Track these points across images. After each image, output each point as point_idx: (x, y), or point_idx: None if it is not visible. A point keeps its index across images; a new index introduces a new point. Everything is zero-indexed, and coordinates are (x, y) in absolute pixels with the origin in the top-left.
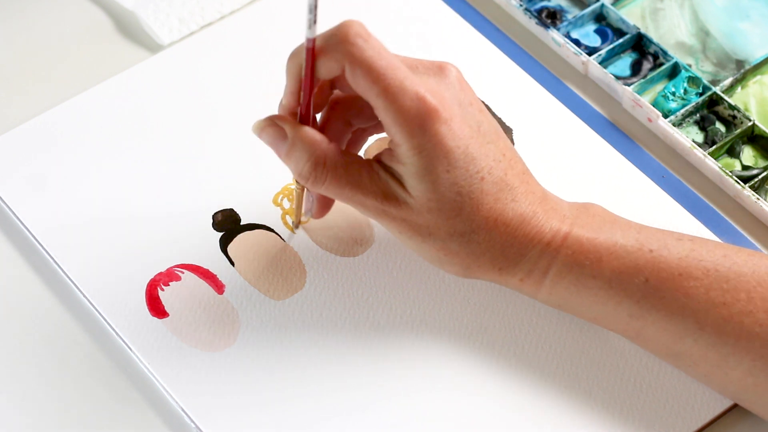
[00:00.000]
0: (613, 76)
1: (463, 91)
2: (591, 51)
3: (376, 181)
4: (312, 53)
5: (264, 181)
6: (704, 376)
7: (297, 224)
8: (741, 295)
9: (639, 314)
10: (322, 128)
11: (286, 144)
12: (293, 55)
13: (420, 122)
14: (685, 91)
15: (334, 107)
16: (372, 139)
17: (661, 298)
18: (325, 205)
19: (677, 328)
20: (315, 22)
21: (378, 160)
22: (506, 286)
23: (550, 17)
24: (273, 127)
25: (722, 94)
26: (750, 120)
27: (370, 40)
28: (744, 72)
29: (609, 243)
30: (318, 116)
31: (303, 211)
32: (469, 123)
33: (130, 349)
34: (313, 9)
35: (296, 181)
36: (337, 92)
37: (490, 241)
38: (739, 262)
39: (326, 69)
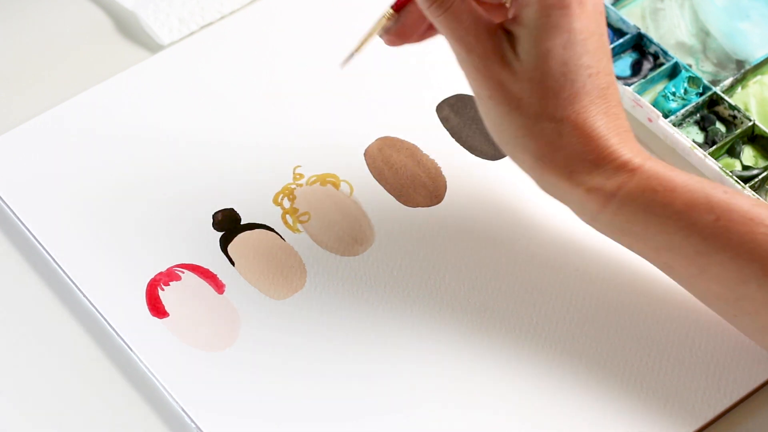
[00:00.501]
0: None
1: (600, 3)
2: None
3: (492, 34)
4: None
5: (264, 181)
6: (763, 327)
7: (358, 48)
8: None
9: (705, 251)
10: None
11: None
12: None
13: None
14: (686, 91)
15: None
16: (373, 138)
17: (729, 239)
18: (405, 34)
19: (742, 271)
20: None
21: (500, 24)
22: (567, 200)
23: None
24: None
25: (722, 94)
26: (750, 120)
27: None
28: (744, 72)
29: (685, 176)
30: None
31: (381, 31)
32: (597, 22)
33: (130, 349)
34: None
35: (390, 7)
36: None
37: (572, 137)
38: None
39: None
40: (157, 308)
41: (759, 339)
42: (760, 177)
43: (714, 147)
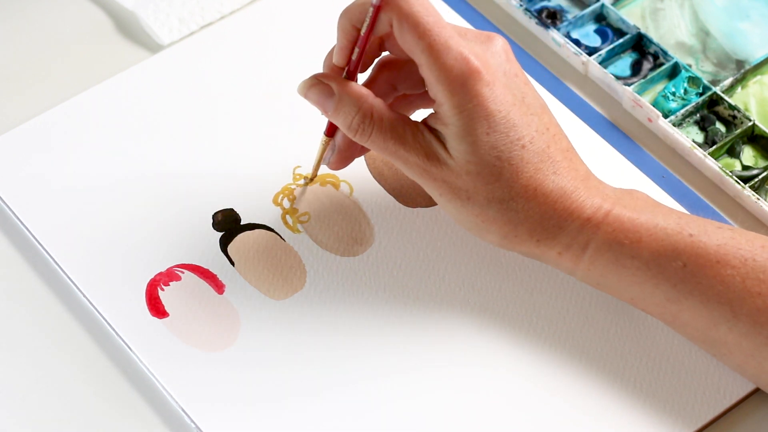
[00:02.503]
0: (613, 76)
1: (509, 62)
2: (591, 51)
3: (420, 140)
4: (377, 11)
5: (264, 181)
6: (738, 366)
7: (313, 177)
8: None
9: (676, 298)
10: (367, 88)
11: (332, 101)
12: (345, 13)
13: (462, 81)
14: (685, 91)
15: (381, 69)
16: None
17: (697, 284)
18: (344, 158)
19: (712, 314)
20: None
21: (424, 122)
22: (544, 261)
23: (550, 17)
24: (319, 86)
25: (722, 94)
26: (750, 120)
27: None
28: (744, 72)
29: (650, 224)
30: (362, 78)
31: (322, 159)
32: (512, 91)
33: (130, 349)
34: None
35: (324, 134)
36: (385, 55)
37: (528, 210)
38: None
39: (379, 24)
40: (157, 308)
41: (740, 374)
42: (760, 177)
43: (714, 147)
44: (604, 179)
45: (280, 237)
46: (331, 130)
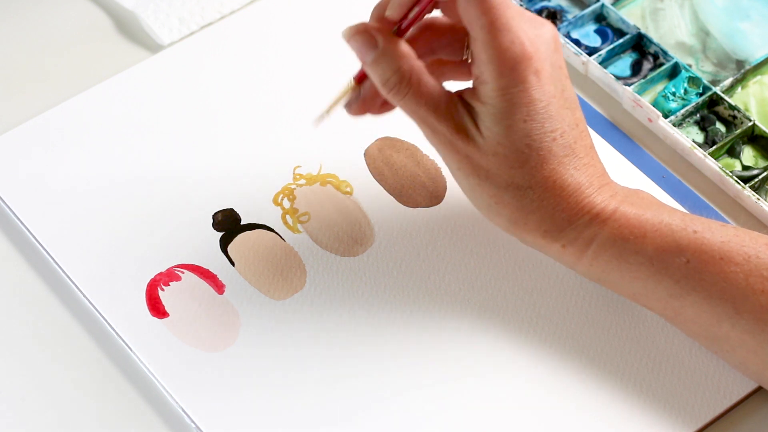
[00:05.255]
0: (613, 76)
1: (556, 52)
2: (591, 51)
3: (453, 111)
4: None
5: (264, 181)
6: (741, 364)
7: (328, 111)
8: None
9: (678, 294)
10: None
11: (374, 53)
12: None
13: (513, 64)
14: (686, 91)
15: (424, 30)
16: (373, 138)
17: (701, 280)
18: (367, 107)
19: (715, 311)
20: None
21: (458, 95)
22: (546, 253)
23: (550, 17)
24: (365, 35)
25: (722, 95)
26: (750, 120)
27: None
28: (744, 72)
29: (655, 220)
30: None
31: (344, 102)
32: (555, 83)
33: (130, 349)
34: None
35: (353, 78)
36: (433, 16)
37: (542, 200)
38: None
39: None
40: (157, 308)
41: (742, 372)
42: (760, 177)
43: (714, 147)
44: None
45: (280, 237)
46: (362, 78)
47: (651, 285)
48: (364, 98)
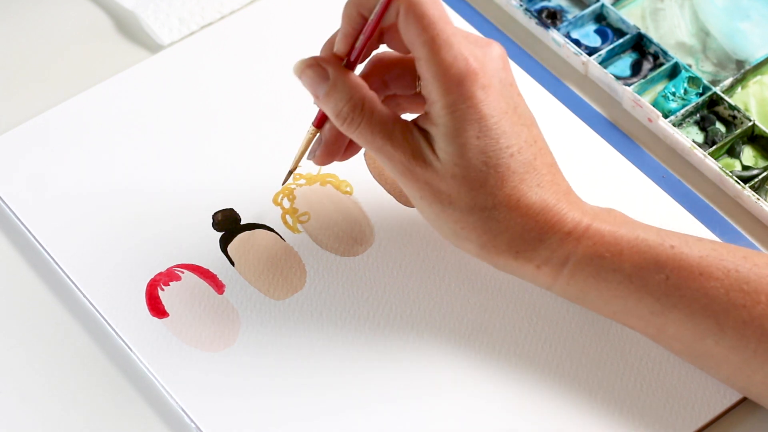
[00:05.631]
0: (613, 76)
1: (504, 70)
2: (591, 51)
3: (408, 138)
4: (388, 2)
5: (264, 181)
6: (727, 379)
7: (293, 168)
8: (761, 297)
9: (660, 311)
10: None
11: (326, 85)
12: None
13: (459, 80)
14: (685, 91)
15: (375, 65)
16: None
17: (681, 297)
18: (331, 152)
19: (698, 328)
20: None
21: (414, 122)
22: (521, 276)
23: (550, 17)
24: (316, 68)
25: (722, 95)
26: (750, 120)
27: None
28: (744, 72)
29: (630, 236)
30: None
31: (307, 152)
32: (506, 99)
33: (130, 349)
34: None
35: (312, 124)
36: (380, 52)
37: (509, 220)
38: (759, 263)
39: (387, 13)
40: (157, 308)
41: (731, 386)
42: (760, 177)
43: (714, 147)
44: (604, 179)
45: (280, 237)
46: (321, 121)
47: (631, 303)
48: (326, 143)
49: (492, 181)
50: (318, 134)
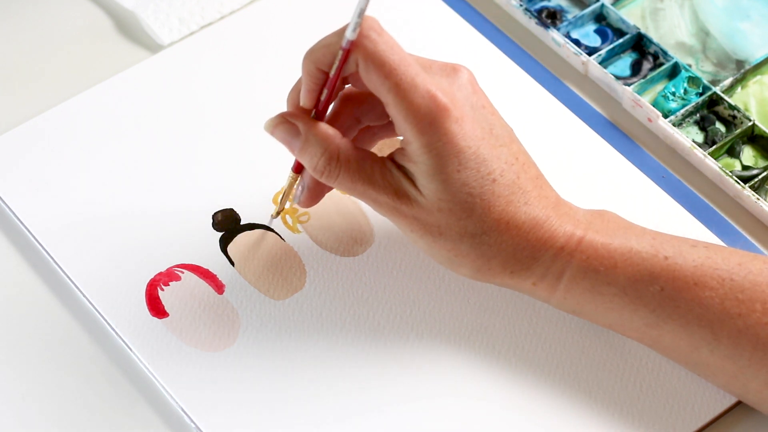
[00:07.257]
0: (613, 76)
1: (475, 94)
2: (591, 51)
3: (389, 178)
4: (347, 55)
5: (264, 181)
6: (724, 386)
7: (279, 211)
8: (756, 305)
9: (655, 323)
10: (330, 123)
11: (299, 140)
12: (309, 55)
13: (430, 120)
14: (685, 91)
15: (344, 102)
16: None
17: (676, 308)
18: (314, 195)
19: (693, 338)
20: (360, 26)
21: (391, 158)
22: (519, 291)
23: (550, 17)
24: (286, 124)
25: (722, 94)
26: (750, 120)
27: (383, 35)
28: (744, 72)
29: (624, 249)
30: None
31: (292, 197)
32: (481, 125)
33: (130, 349)
34: (362, 14)
35: (291, 170)
36: (348, 87)
37: (501, 243)
38: (754, 270)
39: (346, 65)
40: (157, 308)
41: (728, 393)
42: (760, 177)
43: (714, 147)
44: (604, 179)
45: (280, 237)
46: (299, 167)
47: (626, 315)
48: (308, 188)
49: (479, 209)
50: (299, 178)
